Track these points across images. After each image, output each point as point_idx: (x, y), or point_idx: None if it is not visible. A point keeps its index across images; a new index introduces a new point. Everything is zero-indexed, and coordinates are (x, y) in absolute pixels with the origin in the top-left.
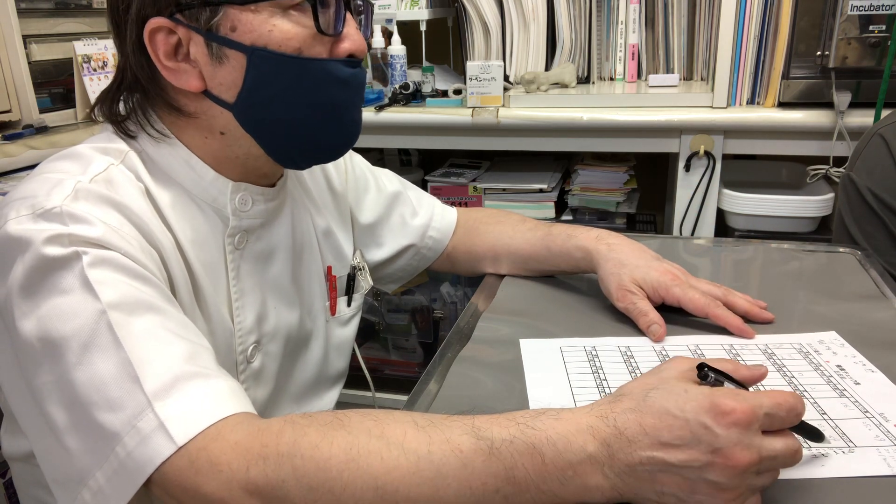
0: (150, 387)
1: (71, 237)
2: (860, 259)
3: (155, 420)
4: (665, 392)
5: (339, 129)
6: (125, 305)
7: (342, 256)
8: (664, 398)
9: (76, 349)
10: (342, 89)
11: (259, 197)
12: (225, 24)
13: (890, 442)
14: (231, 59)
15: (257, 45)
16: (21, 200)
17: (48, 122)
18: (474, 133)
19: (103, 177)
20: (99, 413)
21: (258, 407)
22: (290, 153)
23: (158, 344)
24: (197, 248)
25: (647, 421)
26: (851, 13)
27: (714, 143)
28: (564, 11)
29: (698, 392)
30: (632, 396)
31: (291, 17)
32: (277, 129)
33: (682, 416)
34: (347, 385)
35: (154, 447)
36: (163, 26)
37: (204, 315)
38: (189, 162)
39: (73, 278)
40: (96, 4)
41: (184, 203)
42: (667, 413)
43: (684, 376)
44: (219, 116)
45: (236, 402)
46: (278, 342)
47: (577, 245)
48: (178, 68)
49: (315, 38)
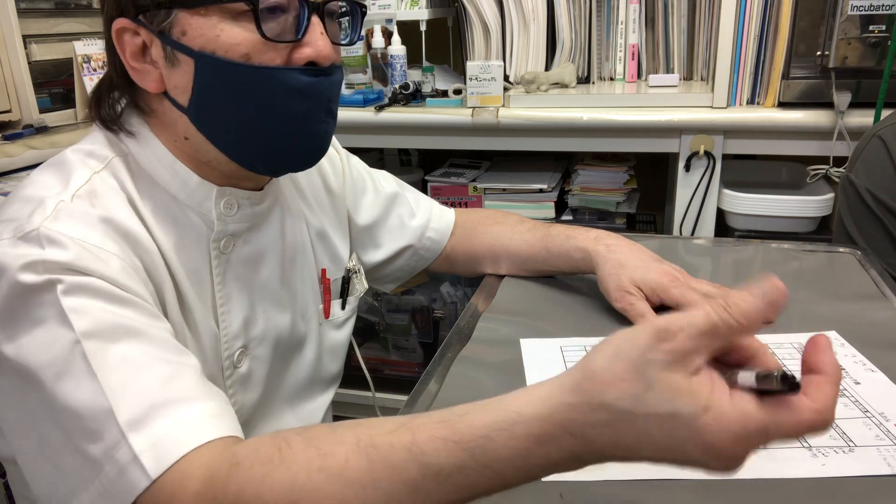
0: (124, 418)
1: (45, 263)
2: (860, 259)
3: (129, 452)
4: (647, 411)
5: (302, 139)
6: (101, 333)
7: (337, 259)
8: (645, 420)
9: (52, 379)
10: (300, 99)
11: (245, 201)
12: (177, 27)
13: (890, 441)
14: (182, 63)
15: (205, 50)
16: (5, 223)
17: (48, 122)
18: (474, 133)
19: (86, 189)
20: (80, 441)
21: (247, 411)
22: (251, 159)
23: (135, 371)
24: (182, 254)
25: (625, 440)
26: (851, 13)
27: (714, 143)
28: (564, 11)
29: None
30: (607, 410)
31: (240, 23)
32: (231, 134)
33: (668, 444)
34: (348, 385)
35: (131, 479)
36: (127, 27)
37: (188, 321)
38: (173, 167)
39: (47, 307)
40: (96, 4)
41: (168, 209)
42: (648, 437)
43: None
44: (178, 119)
45: (213, 426)
46: (267, 346)
47: (576, 246)
48: (143, 69)
49: (267, 45)
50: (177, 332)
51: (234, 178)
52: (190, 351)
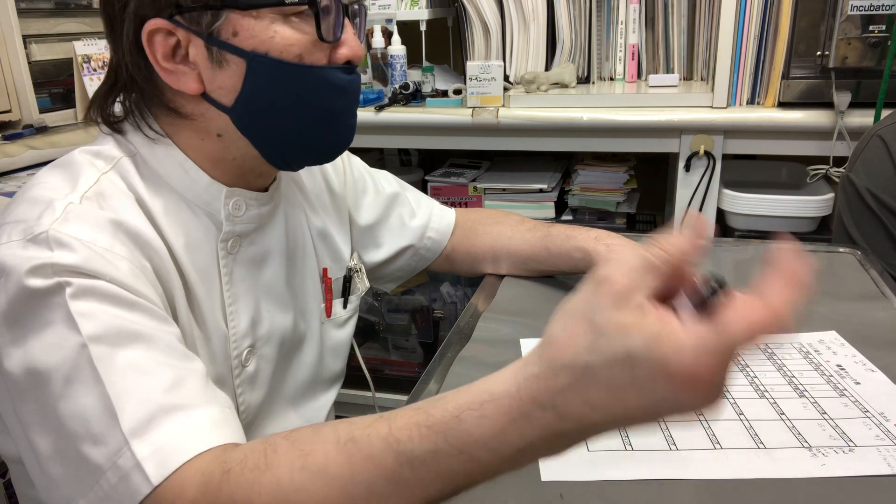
0: (128, 424)
1: (54, 266)
2: (860, 259)
3: (132, 459)
4: (605, 358)
5: (335, 133)
6: (108, 337)
7: (339, 258)
8: (608, 368)
9: (60, 382)
10: (340, 96)
11: (253, 202)
12: (227, 28)
13: (890, 441)
14: (231, 64)
15: (258, 51)
16: (13, 224)
17: (48, 122)
18: (474, 133)
19: (94, 190)
20: (83, 445)
21: (253, 411)
22: (285, 156)
23: (140, 377)
24: (191, 253)
25: (594, 397)
26: (851, 13)
27: (714, 143)
28: (564, 11)
29: (644, 351)
30: (567, 370)
31: (292, 24)
32: (274, 132)
33: (635, 387)
34: (347, 385)
35: (133, 486)
36: (162, 28)
37: (198, 320)
38: (184, 166)
39: (55, 310)
40: (96, 4)
41: (177, 208)
42: (615, 386)
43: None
44: (216, 119)
45: (213, 433)
46: (272, 346)
47: (577, 246)
48: (177, 70)
49: (315, 45)
50: (186, 332)
51: (244, 178)
52: (200, 350)
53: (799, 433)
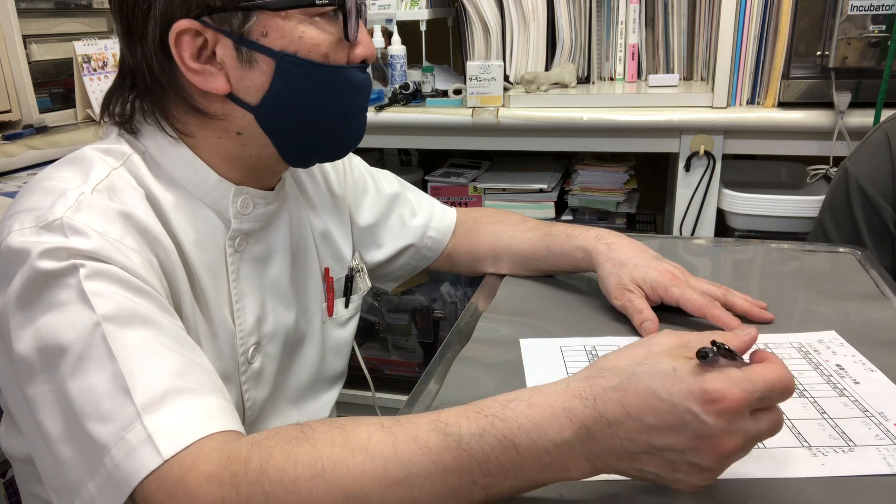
0: (141, 399)
1: (69, 250)
2: (860, 259)
3: (143, 432)
4: (652, 370)
5: (349, 131)
6: (120, 317)
7: (340, 258)
8: (650, 378)
9: (72, 360)
10: (357, 94)
11: (260, 200)
12: (257, 29)
13: (890, 441)
14: (260, 64)
15: (287, 51)
16: (26, 212)
17: (48, 122)
18: (474, 133)
19: (105, 184)
20: (90, 424)
21: (257, 407)
22: (301, 153)
23: (151, 357)
24: (199, 249)
25: (631, 402)
26: (851, 13)
27: (714, 143)
28: (564, 11)
29: (687, 373)
30: (615, 372)
31: (317, 24)
32: (295, 131)
33: (669, 401)
34: (347, 385)
35: (140, 459)
36: (190, 28)
37: (206, 316)
38: (193, 165)
39: (69, 290)
40: (96, 4)
41: (186, 204)
42: (653, 395)
43: (674, 352)
44: (240, 118)
45: (222, 419)
46: (277, 343)
47: (578, 245)
48: (204, 70)
49: (338, 45)
50: (191, 327)
51: (255, 176)
52: (206, 346)
53: (798, 433)
